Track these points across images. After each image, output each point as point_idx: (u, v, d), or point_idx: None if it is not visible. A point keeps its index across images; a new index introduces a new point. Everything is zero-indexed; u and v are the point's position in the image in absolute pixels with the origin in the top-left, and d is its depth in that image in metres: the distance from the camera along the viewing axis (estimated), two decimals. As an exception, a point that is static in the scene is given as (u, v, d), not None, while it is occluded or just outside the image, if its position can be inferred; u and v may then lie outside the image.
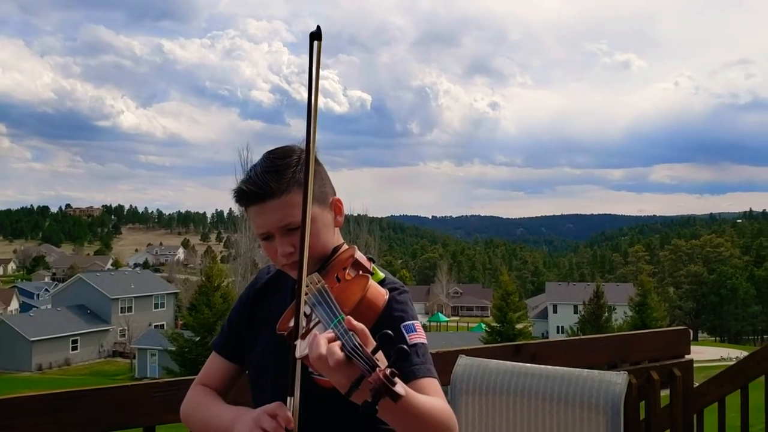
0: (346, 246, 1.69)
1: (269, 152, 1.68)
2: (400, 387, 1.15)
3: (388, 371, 1.14)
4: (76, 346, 54.54)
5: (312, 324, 1.41)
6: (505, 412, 2.01)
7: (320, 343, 1.26)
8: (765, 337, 72.50)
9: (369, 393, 1.14)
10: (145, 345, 48.44)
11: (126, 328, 57.04)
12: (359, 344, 1.21)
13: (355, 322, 1.28)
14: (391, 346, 1.17)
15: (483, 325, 52.53)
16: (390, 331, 1.19)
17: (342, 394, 1.26)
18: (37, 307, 66.87)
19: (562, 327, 65.41)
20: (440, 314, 75.13)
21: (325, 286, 1.43)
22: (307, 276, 1.47)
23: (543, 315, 72.43)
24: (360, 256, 1.61)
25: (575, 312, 61.20)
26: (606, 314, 46.62)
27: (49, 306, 63.16)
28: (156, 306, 63.77)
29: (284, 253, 1.61)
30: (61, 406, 2.15)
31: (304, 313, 1.45)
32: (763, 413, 3.53)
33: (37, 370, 50.20)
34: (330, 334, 1.28)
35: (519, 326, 45.72)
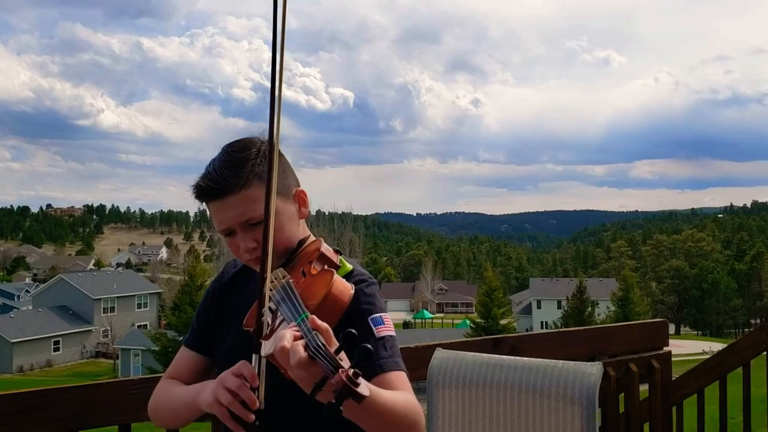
0: (312, 238, 1.66)
1: (228, 145, 1.63)
2: (364, 387, 1.13)
3: (351, 372, 1.11)
4: (58, 347, 54.06)
5: (278, 321, 1.38)
6: (481, 404, 2.00)
7: (285, 336, 1.25)
8: (746, 330, 73.33)
9: (332, 394, 1.12)
10: (128, 345, 48.15)
11: (109, 328, 56.65)
12: (322, 344, 1.19)
13: (319, 322, 1.26)
14: (355, 345, 1.15)
15: (468, 322, 52.76)
16: (353, 330, 1.17)
17: (304, 390, 1.24)
18: (17, 309, 66.05)
19: (546, 322, 65.74)
20: (425, 311, 75.26)
21: (291, 281, 1.40)
22: (271, 271, 1.44)
23: (527, 311, 72.80)
24: (326, 248, 1.58)
25: (559, 307, 61.57)
26: (589, 309, 46.95)
27: (31, 307, 62.48)
28: (139, 306, 63.36)
29: (247, 249, 1.58)
30: (32, 405, 2.11)
31: (270, 309, 1.42)
32: (741, 405, 3.57)
33: (18, 372, 49.72)
34: (296, 331, 1.26)
35: (503, 322, 45.95)
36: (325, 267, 1.52)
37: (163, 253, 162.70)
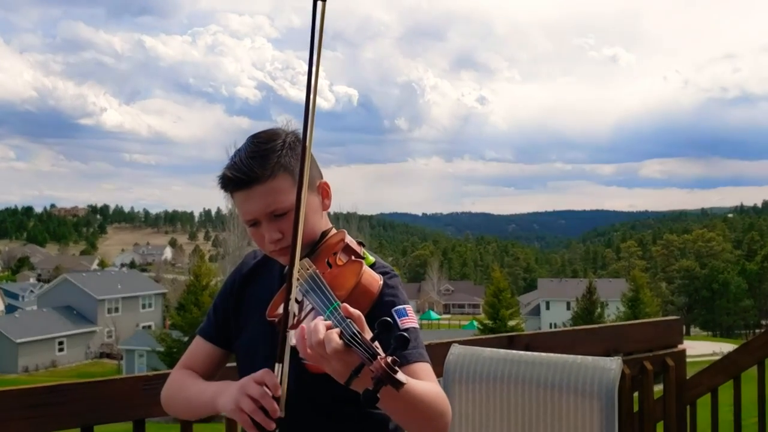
0: (335, 230, 1.66)
1: (254, 136, 1.65)
2: (402, 375, 1.14)
3: (389, 359, 1.13)
4: (63, 348, 54.18)
5: (304, 311, 1.39)
6: (498, 399, 2.00)
7: (319, 328, 1.24)
8: (757, 331, 73.04)
9: (370, 381, 1.13)
10: (132, 346, 48.14)
11: (113, 329, 56.77)
12: (358, 331, 1.19)
13: (351, 309, 1.26)
14: (390, 333, 1.16)
15: (475, 323, 52.65)
16: (389, 318, 1.18)
17: (336, 381, 1.25)
18: (22, 309, 66.30)
19: (555, 324, 65.56)
20: (431, 312, 75.21)
21: (317, 271, 1.41)
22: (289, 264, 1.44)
23: (535, 312, 72.61)
24: (350, 240, 1.59)
25: (568, 308, 61.44)
26: (599, 310, 46.86)
27: (35, 307, 62.69)
28: (143, 306, 63.45)
29: (272, 240, 1.58)
30: (47, 400, 2.11)
31: (296, 300, 1.42)
32: (755, 408, 3.54)
33: (24, 372, 49.89)
34: (327, 321, 1.26)
35: (511, 323, 45.83)
36: (352, 258, 1.52)
37: (168, 253, 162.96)
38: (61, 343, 54.23)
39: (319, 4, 1.43)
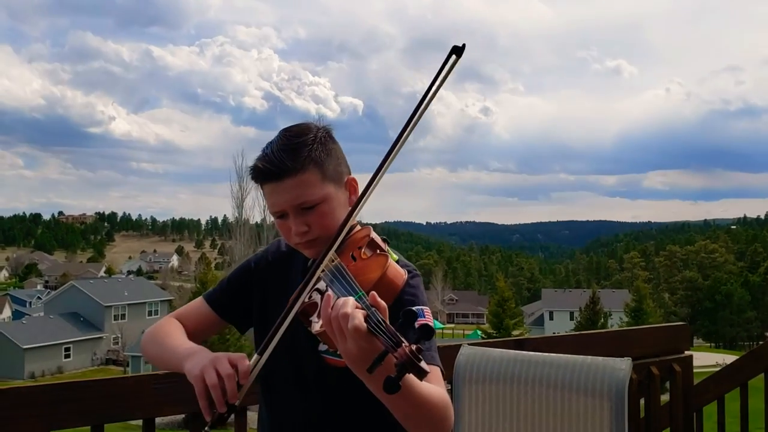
0: (359, 226, 1.67)
1: (285, 129, 1.66)
2: (425, 364, 1.14)
3: (414, 347, 1.13)
4: (69, 354, 54.22)
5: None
6: (508, 399, 2.00)
7: (348, 302, 1.25)
8: (760, 342, 72.60)
9: (393, 369, 1.12)
10: (138, 352, 48.07)
11: (119, 335, 56.77)
12: (383, 319, 1.19)
13: (379, 299, 1.26)
14: (413, 324, 1.16)
15: (479, 332, 52.50)
16: (414, 309, 1.18)
17: (350, 367, 1.26)
18: (29, 315, 66.41)
19: (557, 334, 65.36)
20: (435, 321, 74.41)
21: (342, 263, 1.43)
22: (320, 254, 1.47)
23: (539, 322, 72.36)
24: (376, 236, 1.59)
25: (571, 319, 61.31)
26: (602, 320, 46.73)
27: (42, 314, 62.72)
28: (150, 313, 63.40)
29: (298, 232, 1.59)
30: (61, 397, 2.14)
31: (318, 290, 1.43)
32: (762, 417, 3.52)
33: (30, 378, 49.89)
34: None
35: (515, 333, 45.68)
36: (377, 252, 1.53)
37: (174, 260, 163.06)
38: (67, 349, 54.25)
39: (453, 56, 1.47)
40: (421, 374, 1.13)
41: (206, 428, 1.41)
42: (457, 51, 1.46)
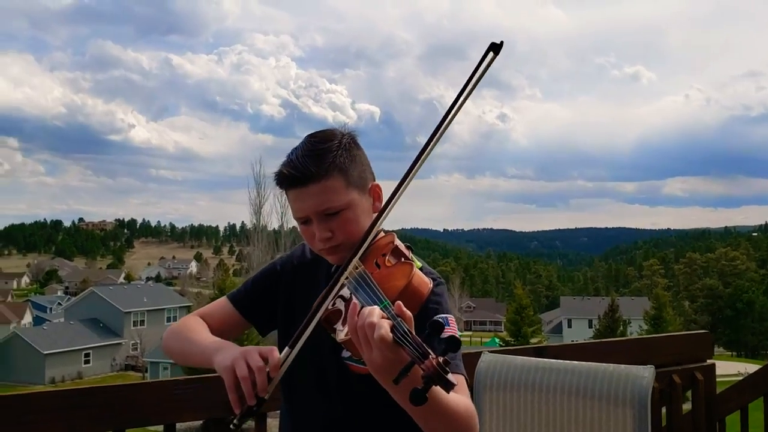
0: (383, 233, 1.65)
1: (310, 135, 1.65)
2: (452, 376, 1.12)
3: (441, 359, 1.11)
4: (89, 360, 54.68)
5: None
6: (530, 407, 1.98)
7: (375, 311, 1.24)
8: (782, 351, 71.73)
9: (419, 381, 1.11)
10: (157, 358, 48.49)
11: (138, 341, 57.15)
12: (409, 330, 1.18)
13: (404, 309, 1.24)
14: (440, 335, 1.15)
15: (497, 340, 52.24)
16: (440, 320, 1.17)
17: (375, 377, 1.25)
18: (50, 321, 67.02)
19: (576, 341, 64.81)
20: (453, 328, 74.60)
21: (366, 271, 1.41)
22: (344, 261, 1.46)
23: (557, 330, 71.86)
24: (400, 243, 1.58)
25: (590, 326, 60.82)
26: (621, 328, 46.30)
27: (62, 319, 63.35)
28: (168, 319, 63.72)
29: (322, 238, 1.59)
30: (80, 402, 2.15)
31: (342, 297, 1.42)
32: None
33: (50, 383, 50.34)
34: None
35: (533, 340, 45.39)
36: (402, 260, 1.51)
37: (193, 267, 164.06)
38: (87, 355, 54.73)
39: (491, 53, 1.45)
40: (449, 387, 1.11)
41: (234, 421, 1.41)
42: (495, 48, 1.44)
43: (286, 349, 1.42)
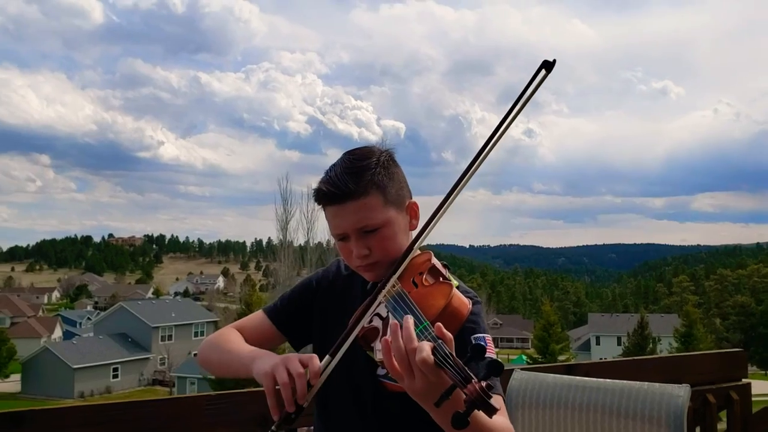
0: (419, 251, 1.63)
1: (349, 152, 1.66)
2: (495, 401, 1.11)
3: (484, 384, 1.10)
4: (117, 374, 55.16)
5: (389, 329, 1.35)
6: (562, 426, 1.96)
7: (413, 336, 1.22)
8: (817, 370, 69.99)
9: (461, 404, 1.10)
10: (184, 373, 48.72)
11: (166, 356, 57.54)
12: (450, 353, 1.16)
13: (445, 330, 1.23)
14: (482, 359, 1.13)
15: (524, 357, 51.74)
16: (481, 342, 1.15)
17: (414, 399, 1.23)
18: (79, 335, 67.86)
19: (606, 359, 63.95)
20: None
21: (404, 290, 1.40)
22: (381, 279, 1.46)
23: (585, 347, 70.94)
24: (437, 261, 1.57)
25: (619, 344, 60.02)
26: (651, 345, 45.63)
27: (92, 334, 64.04)
28: (196, 334, 64.17)
29: (359, 255, 1.59)
30: (114, 417, 2.18)
31: (379, 316, 1.41)
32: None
33: (79, 397, 50.80)
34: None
35: (561, 358, 44.93)
36: (440, 279, 1.50)
37: (220, 282, 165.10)
38: (115, 369, 55.24)
39: (543, 71, 1.46)
40: (491, 412, 1.10)
41: (273, 428, 1.40)
42: (548, 66, 1.44)
43: (327, 357, 1.42)
